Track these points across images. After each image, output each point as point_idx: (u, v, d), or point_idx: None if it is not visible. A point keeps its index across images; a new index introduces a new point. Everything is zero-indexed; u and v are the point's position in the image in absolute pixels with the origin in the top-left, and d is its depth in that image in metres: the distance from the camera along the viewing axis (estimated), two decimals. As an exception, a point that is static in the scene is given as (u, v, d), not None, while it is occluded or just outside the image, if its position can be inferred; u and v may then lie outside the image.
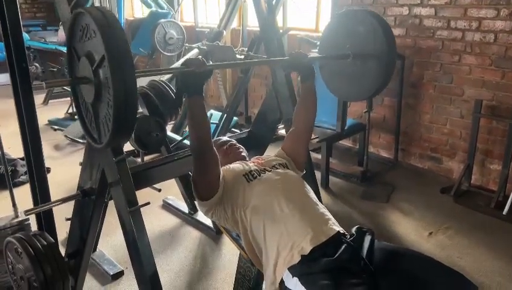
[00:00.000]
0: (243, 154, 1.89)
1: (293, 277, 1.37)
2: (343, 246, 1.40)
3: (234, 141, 1.96)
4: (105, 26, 1.24)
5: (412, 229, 3.01)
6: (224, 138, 2.01)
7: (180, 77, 1.51)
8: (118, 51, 1.22)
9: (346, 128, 3.78)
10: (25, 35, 6.71)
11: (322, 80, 2.38)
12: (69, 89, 5.00)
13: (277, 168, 1.71)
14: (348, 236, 1.48)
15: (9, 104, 2.06)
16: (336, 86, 2.37)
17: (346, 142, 4.46)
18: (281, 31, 3.01)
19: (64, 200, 1.88)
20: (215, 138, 1.98)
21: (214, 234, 2.87)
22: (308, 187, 1.68)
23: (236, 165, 1.71)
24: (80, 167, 2.02)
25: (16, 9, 1.81)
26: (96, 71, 1.30)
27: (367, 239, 1.46)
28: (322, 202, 1.65)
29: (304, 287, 1.32)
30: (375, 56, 2.03)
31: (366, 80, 2.12)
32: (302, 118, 1.88)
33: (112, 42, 1.22)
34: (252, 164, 1.73)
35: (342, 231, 1.50)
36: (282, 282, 1.41)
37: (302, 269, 1.36)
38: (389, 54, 2.03)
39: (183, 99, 1.58)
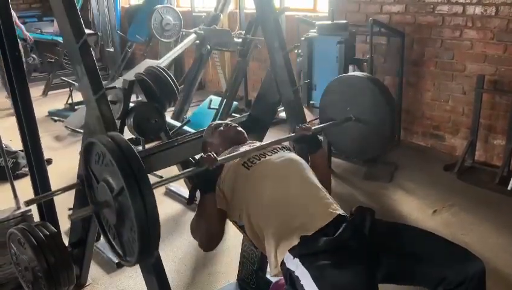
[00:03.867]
0: (239, 128, 1.86)
1: (293, 258, 1.36)
2: (343, 225, 1.39)
3: (229, 122, 1.94)
4: (122, 158, 1.24)
5: (416, 208, 3.00)
6: (218, 122, 1.98)
7: (195, 176, 1.53)
8: (136, 182, 1.22)
9: (347, 109, 3.74)
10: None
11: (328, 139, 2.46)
12: (68, 80, 4.99)
13: (278, 151, 1.68)
14: (348, 217, 1.47)
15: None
16: (340, 145, 2.36)
17: (347, 123, 4.43)
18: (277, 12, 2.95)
19: (64, 190, 1.86)
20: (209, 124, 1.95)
21: (218, 219, 2.87)
22: (310, 170, 1.66)
23: (234, 161, 1.65)
24: (80, 156, 2.00)
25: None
26: (117, 198, 1.30)
27: (367, 218, 1.45)
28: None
29: (304, 268, 1.32)
30: (377, 122, 2.00)
31: (369, 141, 2.09)
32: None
33: (129, 174, 1.22)
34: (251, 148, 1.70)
35: (343, 214, 1.49)
36: (283, 264, 1.40)
37: (302, 249, 1.36)
38: (391, 123, 1.99)
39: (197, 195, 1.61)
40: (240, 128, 1.88)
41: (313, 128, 1.81)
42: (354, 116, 2.03)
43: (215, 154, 1.50)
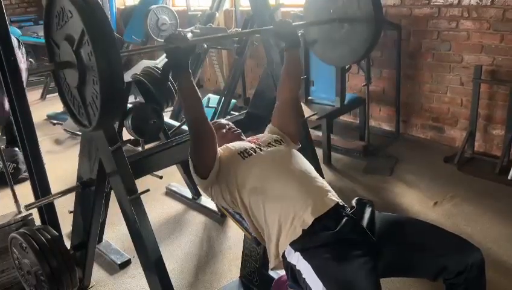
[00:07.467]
0: (238, 132, 1.89)
1: (295, 251, 1.37)
2: (344, 219, 1.39)
3: (232, 124, 1.96)
4: (80, 1, 1.20)
5: (417, 200, 3.00)
6: (223, 121, 1.99)
7: (165, 55, 1.48)
8: (96, 23, 1.19)
9: (345, 103, 3.74)
10: (17, 31, 6.64)
11: (312, 51, 2.32)
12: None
13: (273, 145, 1.70)
14: (349, 209, 1.47)
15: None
16: (326, 53, 2.33)
17: (346, 118, 4.43)
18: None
19: (64, 193, 1.87)
20: (213, 120, 1.96)
21: (219, 217, 2.87)
22: (306, 161, 1.67)
23: (233, 144, 1.70)
24: (79, 158, 2.01)
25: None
26: (78, 51, 1.27)
27: (367, 210, 1.45)
28: (324, 179, 1.64)
29: (306, 261, 1.32)
30: (362, 18, 1.98)
31: (356, 42, 2.07)
32: (288, 88, 1.85)
33: (90, 15, 1.18)
34: (248, 142, 1.72)
35: (341, 203, 1.49)
36: (284, 257, 1.41)
37: (303, 243, 1.36)
38: (376, 14, 1.97)
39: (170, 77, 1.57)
40: (240, 133, 1.90)
41: (294, 23, 1.85)
42: (338, 18, 2.02)
43: (185, 34, 1.50)
